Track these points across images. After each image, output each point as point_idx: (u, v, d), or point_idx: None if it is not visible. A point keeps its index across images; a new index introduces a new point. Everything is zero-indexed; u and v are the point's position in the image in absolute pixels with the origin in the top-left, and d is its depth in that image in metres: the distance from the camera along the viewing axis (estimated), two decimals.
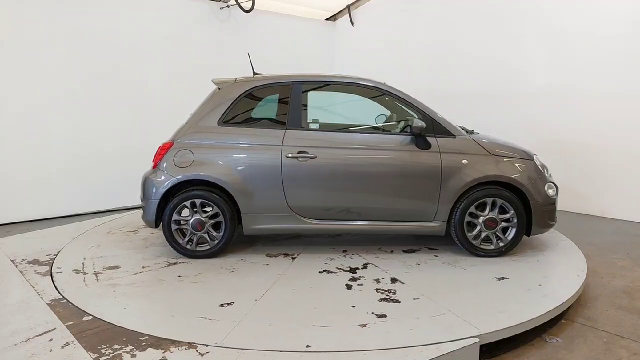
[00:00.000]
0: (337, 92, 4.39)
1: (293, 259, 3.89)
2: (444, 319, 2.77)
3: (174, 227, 3.83)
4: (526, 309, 2.86)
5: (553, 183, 3.88)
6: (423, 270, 3.59)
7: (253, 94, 4.01)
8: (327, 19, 9.07)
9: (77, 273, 3.62)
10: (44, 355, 2.42)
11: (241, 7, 7.42)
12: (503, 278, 3.39)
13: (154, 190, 3.83)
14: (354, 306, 2.97)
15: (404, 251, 4.02)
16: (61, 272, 3.64)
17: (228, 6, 7.42)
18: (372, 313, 2.86)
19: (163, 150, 3.92)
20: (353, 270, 3.62)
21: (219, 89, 4.07)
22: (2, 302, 3.07)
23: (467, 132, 4.01)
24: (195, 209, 3.81)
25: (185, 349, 2.47)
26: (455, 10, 7.24)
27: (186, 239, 3.85)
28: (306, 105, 4.10)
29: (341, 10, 8.86)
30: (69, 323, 2.75)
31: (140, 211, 4.03)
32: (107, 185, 6.40)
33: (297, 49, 8.41)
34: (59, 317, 2.82)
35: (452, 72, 7.33)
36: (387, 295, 3.13)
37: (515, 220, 3.75)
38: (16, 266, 3.71)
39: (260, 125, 3.98)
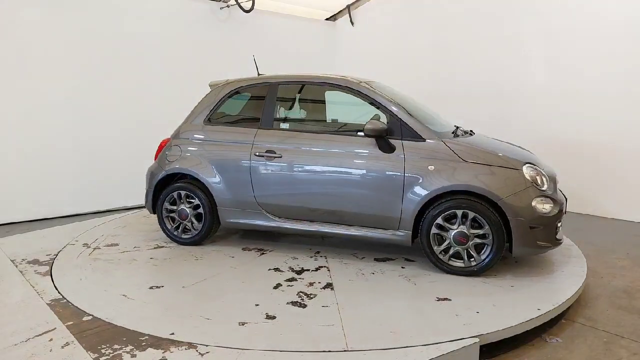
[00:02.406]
0: (323, 92, 4.35)
1: (262, 254, 4.02)
2: (325, 330, 2.66)
3: (164, 214, 4.25)
4: (416, 335, 2.58)
5: (551, 197, 3.37)
6: (369, 280, 3.41)
7: (237, 95, 4.27)
8: (327, 19, 9.07)
9: (83, 246, 4.23)
10: (44, 355, 2.42)
11: (241, 7, 7.42)
12: (445, 299, 3.07)
13: (149, 181, 4.33)
14: (257, 305, 3.01)
15: (376, 259, 3.84)
16: (73, 245, 4.26)
17: (228, 6, 7.42)
18: (265, 313, 2.87)
19: (161, 146, 4.41)
20: (301, 272, 3.60)
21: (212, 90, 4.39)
22: (2, 302, 3.07)
23: (464, 133, 3.96)
24: (181, 200, 4.18)
25: (185, 349, 2.47)
26: (456, 10, 7.24)
27: (174, 226, 4.25)
28: (282, 104, 4.18)
29: (341, 10, 8.86)
30: (69, 323, 2.75)
31: None
32: (107, 185, 6.40)
33: (297, 49, 8.41)
34: (59, 317, 2.82)
35: (452, 72, 7.32)
36: (300, 299, 3.08)
37: (490, 237, 3.33)
38: (16, 266, 3.71)
39: (238, 124, 4.21)
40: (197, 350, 2.44)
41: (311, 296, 3.15)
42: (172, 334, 2.61)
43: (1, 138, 5.64)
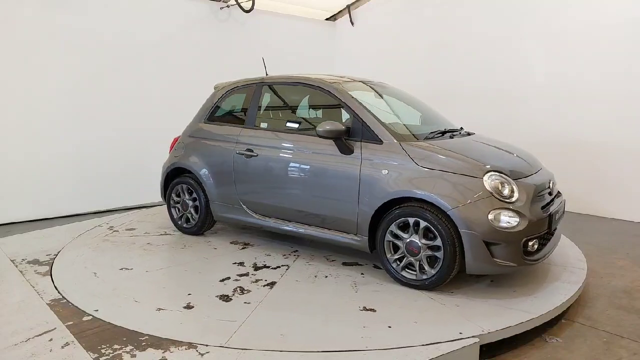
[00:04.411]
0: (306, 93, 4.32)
1: (243, 248, 4.17)
2: (222, 325, 2.73)
3: (171, 204, 4.61)
4: (301, 342, 2.55)
5: (517, 211, 2.99)
6: (316, 283, 3.38)
7: (231, 96, 4.46)
8: (327, 19, 9.07)
9: (109, 228, 4.78)
10: (44, 355, 2.42)
11: (241, 7, 7.42)
12: (371, 310, 2.94)
13: (162, 173, 4.69)
14: (189, 294, 3.17)
15: (344, 263, 3.78)
16: (101, 226, 4.86)
17: (228, 6, 7.41)
18: (187, 303, 3.02)
19: (173, 143, 4.76)
20: (260, 268, 3.67)
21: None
22: (2, 302, 3.07)
23: (464, 133, 3.92)
24: (184, 192, 4.50)
25: (185, 349, 2.47)
26: (455, 10, 7.24)
27: (179, 215, 4.58)
28: (264, 104, 4.26)
29: (341, 10, 8.86)
30: (69, 323, 2.75)
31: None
32: (107, 185, 6.40)
33: (297, 49, 8.40)
34: (59, 317, 2.83)
35: (452, 72, 7.32)
36: (231, 294, 3.18)
37: (442, 250, 3.06)
38: (16, 266, 3.71)
39: (228, 124, 4.35)
40: (197, 350, 2.45)
41: (245, 292, 3.21)
42: (97, 310, 2.90)
43: (1, 138, 5.64)
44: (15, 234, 4.77)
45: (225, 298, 3.12)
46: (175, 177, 4.58)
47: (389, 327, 2.73)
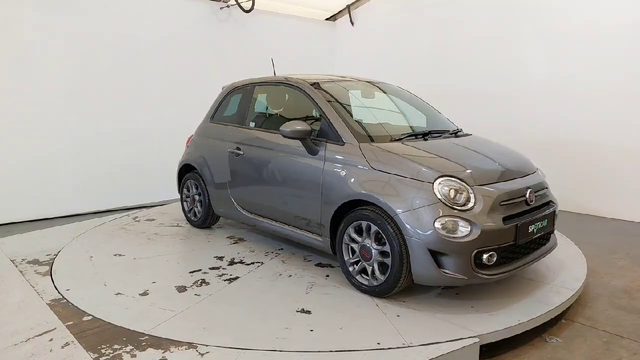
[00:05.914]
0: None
1: (235, 243, 4.31)
2: (161, 313, 2.86)
3: (183, 198, 4.91)
4: (219, 336, 2.59)
5: (467, 219, 2.76)
6: (276, 281, 3.40)
7: (232, 96, 4.61)
8: (327, 19, 9.06)
9: (133, 218, 5.14)
10: (44, 355, 2.42)
11: (241, 7, 7.42)
12: (307, 312, 2.91)
13: (177, 169, 4.94)
14: (154, 282, 3.35)
15: (319, 264, 3.76)
16: (128, 216, 5.23)
17: (228, 6, 7.41)
18: (145, 290, 3.20)
19: (187, 140, 4.98)
20: (235, 263, 3.77)
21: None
22: (2, 302, 3.07)
23: (458, 134, 3.81)
24: (192, 187, 4.75)
25: (185, 349, 2.47)
26: (455, 10, 7.24)
27: (188, 209, 4.85)
28: (254, 104, 4.37)
29: (341, 10, 8.85)
30: (69, 323, 2.75)
31: None
32: (107, 185, 6.40)
33: (297, 49, 8.40)
34: (59, 317, 2.83)
35: (452, 72, 7.32)
36: (189, 285, 3.31)
37: (391, 256, 2.93)
38: (16, 266, 3.71)
39: (226, 123, 4.49)
40: (197, 350, 2.45)
41: (204, 285, 3.32)
42: (68, 290, 3.20)
43: (1, 138, 5.64)
44: (15, 234, 4.77)
45: (182, 289, 3.24)
46: (186, 173, 4.84)
47: (311, 330, 2.68)
